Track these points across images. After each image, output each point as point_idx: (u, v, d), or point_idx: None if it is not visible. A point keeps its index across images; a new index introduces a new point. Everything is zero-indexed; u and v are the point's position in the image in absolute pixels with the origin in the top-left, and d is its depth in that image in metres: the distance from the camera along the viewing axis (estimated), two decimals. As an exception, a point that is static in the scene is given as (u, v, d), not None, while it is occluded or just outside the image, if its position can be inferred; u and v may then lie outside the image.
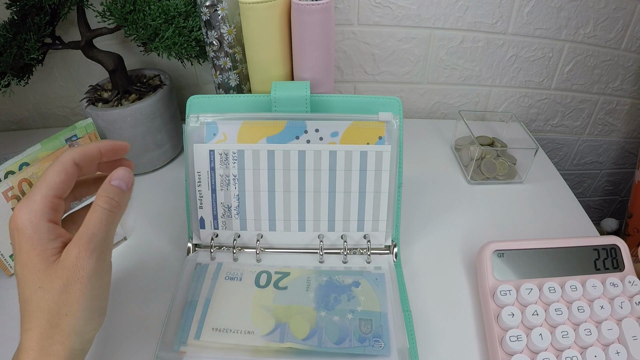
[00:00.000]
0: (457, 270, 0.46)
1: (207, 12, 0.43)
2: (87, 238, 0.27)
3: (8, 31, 0.48)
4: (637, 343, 0.36)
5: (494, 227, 0.51)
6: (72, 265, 0.26)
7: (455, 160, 0.62)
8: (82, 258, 0.27)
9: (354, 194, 0.44)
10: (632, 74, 0.72)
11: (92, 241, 0.27)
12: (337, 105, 0.44)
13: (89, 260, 0.27)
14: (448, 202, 0.54)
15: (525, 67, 0.69)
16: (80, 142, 0.48)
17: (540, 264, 0.41)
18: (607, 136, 0.82)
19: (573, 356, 0.35)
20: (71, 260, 0.26)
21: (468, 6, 0.62)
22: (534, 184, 0.58)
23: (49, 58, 0.63)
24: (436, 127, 0.70)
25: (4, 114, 0.70)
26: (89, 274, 0.27)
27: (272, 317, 0.38)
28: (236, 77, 0.48)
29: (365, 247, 0.44)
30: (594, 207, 0.97)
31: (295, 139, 0.43)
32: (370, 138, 0.43)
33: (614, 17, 0.64)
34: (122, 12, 0.48)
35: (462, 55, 0.67)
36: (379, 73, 0.69)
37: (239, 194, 0.44)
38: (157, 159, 0.58)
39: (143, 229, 0.51)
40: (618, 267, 0.41)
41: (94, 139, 0.50)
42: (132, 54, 0.64)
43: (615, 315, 0.38)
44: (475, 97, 0.73)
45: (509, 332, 0.37)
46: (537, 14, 0.63)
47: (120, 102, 0.54)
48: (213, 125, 0.43)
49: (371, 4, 0.61)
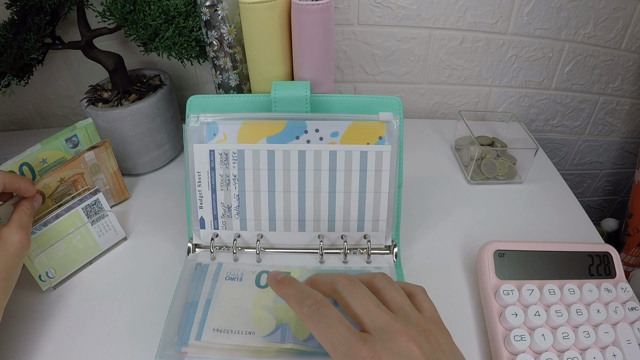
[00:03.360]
0: (457, 270, 0.46)
1: (207, 12, 0.43)
2: None
3: (8, 31, 0.48)
4: (632, 347, 0.37)
5: (494, 227, 0.51)
6: None
7: (455, 160, 0.62)
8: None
9: (354, 194, 0.44)
10: (632, 74, 0.72)
11: None
12: (337, 105, 0.44)
13: None
14: (448, 202, 0.54)
15: (525, 67, 0.69)
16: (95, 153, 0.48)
17: (540, 265, 0.41)
18: (607, 136, 0.82)
19: (574, 357, 0.36)
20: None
21: (468, 6, 0.62)
22: (534, 184, 0.58)
23: (49, 58, 0.63)
24: (436, 127, 0.70)
25: (4, 114, 0.70)
26: None
27: (273, 318, 0.38)
28: (236, 77, 0.48)
29: (365, 247, 0.44)
30: (594, 207, 0.97)
31: (295, 139, 0.43)
32: (370, 138, 0.42)
33: (614, 17, 0.64)
34: (122, 12, 0.47)
35: (462, 55, 0.67)
36: (379, 73, 0.69)
37: (239, 194, 0.44)
38: (157, 159, 0.58)
39: (143, 229, 0.51)
40: (610, 274, 0.42)
41: (108, 147, 0.50)
42: (132, 54, 0.64)
43: (611, 319, 0.39)
44: (475, 97, 0.72)
45: (512, 331, 0.37)
46: (537, 14, 0.63)
47: (120, 102, 0.54)
48: (213, 125, 0.43)
49: (371, 4, 0.61)
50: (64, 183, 0.46)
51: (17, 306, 0.42)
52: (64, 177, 0.46)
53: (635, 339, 0.37)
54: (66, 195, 0.47)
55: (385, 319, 0.27)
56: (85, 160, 0.48)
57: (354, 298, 0.28)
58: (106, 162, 0.50)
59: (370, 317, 0.27)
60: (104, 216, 0.46)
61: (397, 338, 0.25)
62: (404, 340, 0.25)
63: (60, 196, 0.46)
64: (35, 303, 0.42)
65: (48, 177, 0.44)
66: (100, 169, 0.49)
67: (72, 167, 0.46)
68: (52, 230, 0.42)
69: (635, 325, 0.38)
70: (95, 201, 0.45)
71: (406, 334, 0.26)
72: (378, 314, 0.27)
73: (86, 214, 0.44)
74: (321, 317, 0.27)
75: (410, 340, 0.25)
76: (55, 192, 0.46)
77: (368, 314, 0.27)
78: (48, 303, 0.42)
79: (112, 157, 0.50)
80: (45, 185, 0.44)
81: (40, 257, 0.42)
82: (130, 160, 0.56)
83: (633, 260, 0.79)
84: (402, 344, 0.25)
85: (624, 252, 0.80)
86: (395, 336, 0.25)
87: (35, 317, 0.41)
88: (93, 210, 0.45)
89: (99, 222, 0.46)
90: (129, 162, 0.56)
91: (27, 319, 0.41)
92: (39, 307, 0.42)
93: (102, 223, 0.46)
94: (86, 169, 0.48)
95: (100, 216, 0.46)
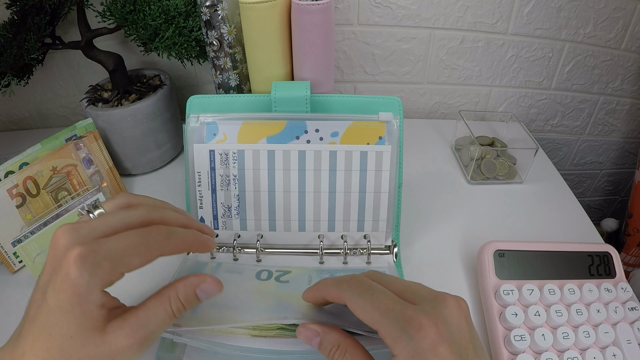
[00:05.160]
0: (457, 270, 0.46)
1: (207, 12, 0.43)
2: (145, 335, 0.26)
3: (8, 31, 0.48)
4: (632, 347, 0.37)
5: (494, 227, 0.51)
6: (118, 353, 0.25)
7: (455, 160, 0.62)
8: (131, 353, 0.25)
9: (354, 194, 0.44)
10: (632, 74, 0.72)
11: (148, 340, 0.26)
12: (337, 105, 0.44)
13: (136, 355, 0.26)
14: (448, 202, 0.54)
15: (525, 67, 0.69)
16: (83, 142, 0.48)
17: (540, 265, 0.41)
18: (607, 136, 0.82)
19: (574, 357, 0.36)
20: (119, 347, 0.25)
21: (468, 6, 0.62)
22: (534, 184, 0.58)
23: (49, 58, 0.63)
24: (436, 127, 0.70)
25: (4, 114, 0.70)
26: None
27: (275, 299, 0.36)
28: (236, 77, 0.48)
29: (365, 247, 0.44)
30: (594, 207, 0.97)
31: (296, 139, 0.43)
32: (371, 138, 0.42)
33: (614, 17, 0.64)
34: (122, 12, 0.47)
35: (462, 55, 0.67)
36: (379, 73, 0.69)
37: (239, 194, 0.44)
38: (157, 159, 0.58)
39: (143, 229, 0.50)
40: (610, 274, 0.42)
41: (98, 138, 0.50)
42: (132, 54, 0.64)
43: (611, 319, 0.39)
44: (475, 97, 0.72)
45: (512, 331, 0.37)
46: (537, 14, 0.63)
47: (120, 102, 0.54)
48: (213, 125, 0.43)
49: (371, 4, 0.61)
50: (58, 174, 0.46)
51: (17, 306, 0.42)
52: (56, 166, 0.46)
53: (635, 339, 0.37)
54: (61, 188, 0.47)
55: (399, 309, 0.25)
56: (76, 150, 0.47)
57: (360, 294, 0.27)
58: (98, 155, 0.50)
59: (381, 311, 0.26)
60: (104, 216, 0.46)
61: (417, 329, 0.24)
62: (427, 327, 0.24)
63: (56, 189, 0.46)
64: (35, 303, 0.42)
65: (39, 164, 0.44)
66: (93, 162, 0.49)
67: (63, 155, 0.46)
68: (52, 231, 0.42)
69: (635, 325, 0.38)
70: (95, 201, 0.45)
71: (427, 322, 0.24)
72: (391, 307, 0.26)
73: (86, 214, 0.44)
74: (364, 287, 0.26)
75: (432, 327, 0.24)
76: (49, 184, 0.45)
77: (377, 309, 0.26)
78: (48, 303, 0.42)
79: (105, 150, 0.50)
80: (37, 172, 0.44)
81: (41, 257, 0.42)
82: (130, 160, 0.56)
83: (633, 260, 0.79)
84: (423, 333, 0.24)
85: (624, 252, 0.80)
86: (413, 325, 0.24)
87: (35, 317, 0.41)
88: (93, 210, 0.45)
89: (99, 222, 0.46)
90: (129, 162, 0.56)
91: (27, 319, 0.41)
92: (39, 307, 0.42)
93: (102, 223, 0.46)
94: (78, 159, 0.48)
95: (100, 216, 0.46)
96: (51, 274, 0.25)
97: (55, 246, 0.25)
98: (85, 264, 0.24)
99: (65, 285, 0.24)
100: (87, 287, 0.24)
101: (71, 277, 0.24)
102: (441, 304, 0.25)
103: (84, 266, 0.24)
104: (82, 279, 0.24)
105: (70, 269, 0.24)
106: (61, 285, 0.24)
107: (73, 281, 0.24)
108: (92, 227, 0.26)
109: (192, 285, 0.28)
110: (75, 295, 0.24)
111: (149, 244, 0.26)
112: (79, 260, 0.24)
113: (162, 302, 0.27)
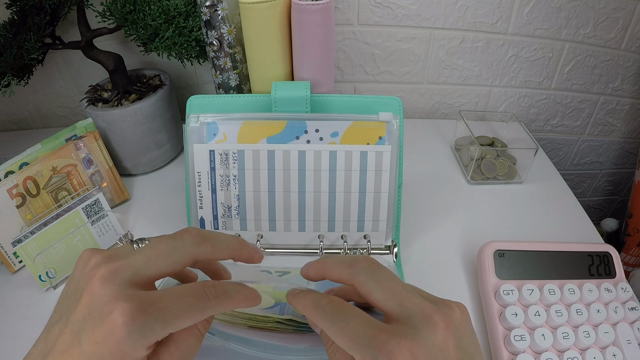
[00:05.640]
0: (456, 270, 0.46)
1: (207, 12, 0.43)
2: None
3: (8, 31, 0.48)
4: (632, 347, 0.37)
5: (494, 227, 0.51)
6: None
7: (455, 160, 0.62)
8: None
9: (354, 194, 0.44)
10: (632, 74, 0.72)
11: None
12: (337, 105, 0.44)
13: None
14: (448, 202, 0.54)
15: (525, 67, 0.69)
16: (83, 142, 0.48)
17: (540, 265, 0.41)
18: (607, 136, 0.82)
19: (574, 357, 0.36)
20: None
21: (468, 6, 0.62)
22: (534, 184, 0.58)
23: (49, 58, 0.63)
24: (436, 127, 0.70)
25: (4, 114, 0.70)
26: None
27: (272, 298, 0.37)
28: (236, 77, 0.48)
29: (365, 247, 0.44)
30: (594, 207, 0.97)
31: (296, 139, 0.43)
32: (371, 138, 0.42)
33: (614, 17, 0.64)
34: (122, 12, 0.47)
35: (462, 55, 0.67)
36: (379, 73, 0.69)
37: (239, 194, 0.44)
38: (157, 159, 0.58)
39: (143, 229, 0.50)
40: (610, 274, 0.42)
41: (97, 138, 0.50)
42: (132, 54, 0.64)
43: (611, 319, 0.39)
44: (475, 97, 0.72)
45: (512, 331, 0.37)
46: (537, 14, 0.63)
47: (120, 102, 0.54)
48: (213, 125, 0.43)
49: (371, 4, 0.61)
50: (58, 174, 0.46)
51: (17, 306, 0.42)
52: (56, 166, 0.46)
53: (635, 339, 0.37)
54: (61, 188, 0.47)
55: (417, 302, 0.23)
56: (75, 150, 0.47)
57: (378, 281, 0.24)
58: (98, 155, 0.50)
59: (399, 301, 0.23)
60: (104, 216, 0.46)
61: (433, 325, 0.22)
62: (442, 328, 0.22)
63: (56, 189, 0.46)
64: (35, 303, 0.42)
65: (39, 164, 0.44)
66: (93, 162, 0.49)
67: (63, 155, 0.46)
68: (52, 230, 0.42)
69: (635, 325, 0.38)
70: (95, 201, 0.45)
71: (443, 321, 0.22)
72: (408, 298, 0.24)
73: (86, 214, 0.44)
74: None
75: (448, 328, 0.22)
76: (49, 184, 0.45)
77: (396, 298, 0.24)
78: (48, 303, 0.42)
79: (105, 150, 0.50)
80: (37, 172, 0.44)
81: (41, 257, 0.42)
82: (130, 160, 0.56)
83: (633, 260, 0.79)
84: (439, 333, 0.22)
85: (624, 252, 0.80)
86: (431, 323, 0.22)
87: (36, 316, 0.41)
88: (93, 210, 0.45)
89: (99, 222, 0.46)
90: (129, 162, 0.56)
91: (27, 319, 0.41)
92: (39, 307, 0.42)
93: (102, 223, 0.46)
94: (78, 159, 0.48)
95: (100, 216, 0.46)
96: (87, 319, 0.22)
97: (91, 290, 0.22)
98: (135, 324, 0.21)
99: (109, 340, 0.21)
100: (134, 347, 0.21)
101: (117, 336, 0.21)
102: (426, 326, 0.22)
103: (133, 327, 0.21)
104: (129, 340, 0.21)
105: (117, 328, 0.21)
106: (104, 338, 0.21)
107: (119, 340, 0.21)
108: (134, 270, 0.23)
109: None
110: (119, 352, 0.21)
111: (205, 307, 0.24)
112: (128, 320, 0.21)
113: (191, 333, 0.25)
